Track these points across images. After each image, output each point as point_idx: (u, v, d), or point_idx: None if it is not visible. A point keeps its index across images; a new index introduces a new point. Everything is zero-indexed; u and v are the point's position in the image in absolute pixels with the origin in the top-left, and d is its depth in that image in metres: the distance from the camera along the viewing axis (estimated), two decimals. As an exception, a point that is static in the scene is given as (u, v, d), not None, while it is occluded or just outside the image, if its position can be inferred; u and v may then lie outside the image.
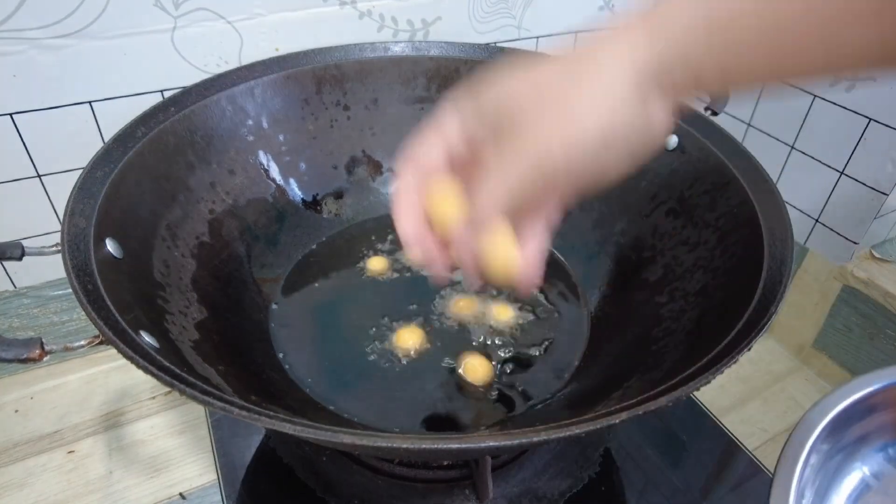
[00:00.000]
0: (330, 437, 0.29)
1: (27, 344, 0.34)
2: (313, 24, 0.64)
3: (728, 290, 0.46)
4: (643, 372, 0.46)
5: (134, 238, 0.45)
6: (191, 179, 0.54)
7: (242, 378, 0.45)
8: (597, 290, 0.61)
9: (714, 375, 0.33)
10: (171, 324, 0.43)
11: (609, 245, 0.62)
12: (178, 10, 0.57)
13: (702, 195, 0.53)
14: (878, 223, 0.64)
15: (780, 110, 0.70)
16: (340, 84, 0.65)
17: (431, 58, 0.66)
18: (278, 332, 0.55)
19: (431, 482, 0.52)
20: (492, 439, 0.30)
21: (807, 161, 0.68)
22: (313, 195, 0.66)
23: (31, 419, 0.63)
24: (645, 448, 0.59)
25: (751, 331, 0.36)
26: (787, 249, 0.42)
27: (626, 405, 0.32)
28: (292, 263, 0.62)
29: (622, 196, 0.61)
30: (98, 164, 0.45)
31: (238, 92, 0.58)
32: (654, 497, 0.55)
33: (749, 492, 0.57)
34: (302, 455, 0.54)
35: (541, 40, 0.78)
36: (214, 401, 0.30)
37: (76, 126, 0.58)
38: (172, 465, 0.58)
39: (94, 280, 0.37)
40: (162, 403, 0.64)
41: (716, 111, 0.56)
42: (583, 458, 0.56)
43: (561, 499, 0.52)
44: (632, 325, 0.54)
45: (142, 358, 0.32)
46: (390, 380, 0.51)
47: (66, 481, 0.57)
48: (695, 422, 0.64)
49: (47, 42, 0.53)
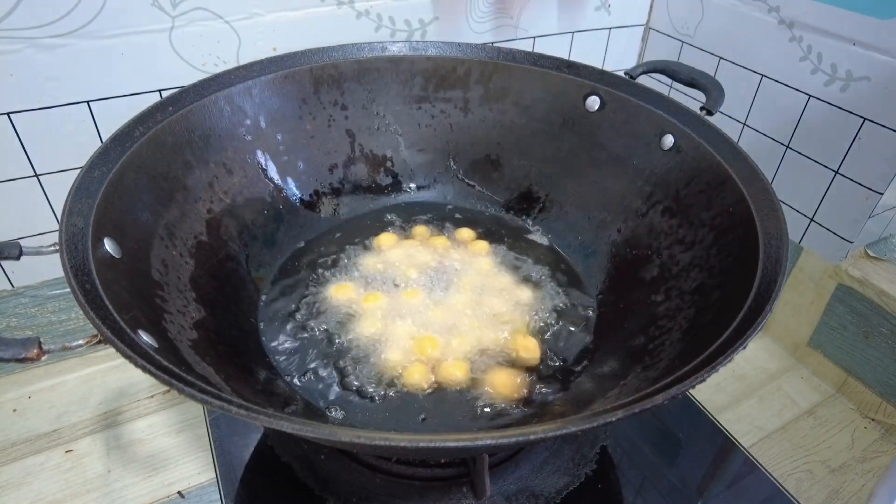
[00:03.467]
0: (328, 435, 0.29)
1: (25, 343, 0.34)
2: (311, 23, 0.64)
3: (723, 288, 0.46)
4: (639, 370, 0.46)
5: (132, 237, 0.45)
6: (189, 179, 0.54)
7: (241, 377, 0.46)
8: (594, 289, 0.61)
9: (710, 374, 0.33)
10: (170, 323, 0.44)
11: (605, 244, 0.62)
12: (176, 9, 0.57)
13: (697, 194, 0.53)
14: (872, 222, 0.65)
15: (776, 110, 0.70)
16: (338, 84, 0.65)
17: (429, 58, 0.66)
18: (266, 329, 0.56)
19: (429, 480, 0.52)
20: (489, 437, 0.30)
21: (802, 160, 0.68)
22: (311, 194, 0.66)
23: (29, 418, 0.63)
24: (641, 446, 0.60)
25: (746, 329, 0.37)
26: (782, 248, 0.42)
27: (622, 403, 0.32)
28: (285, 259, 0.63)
29: (618, 195, 0.62)
30: (96, 164, 0.45)
31: (236, 92, 0.58)
32: (650, 494, 0.56)
33: (745, 489, 0.57)
34: (300, 454, 0.55)
35: (538, 40, 0.78)
36: (213, 399, 0.31)
37: (74, 125, 0.58)
38: (171, 464, 0.58)
39: (92, 279, 0.37)
40: (160, 402, 0.64)
41: (711, 111, 0.56)
42: (580, 455, 0.56)
43: (558, 496, 0.53)
44: (628, 323, 0.54)
45: (140, 357, 0.32)
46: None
47: (64, 480, 0.57)
48: (691, 420, 0.64)
49: (45, 41, 0.53)
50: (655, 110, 0.58)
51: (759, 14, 0.69)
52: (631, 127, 0.60)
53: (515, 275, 0.62)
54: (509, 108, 0.68)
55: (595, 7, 0.79)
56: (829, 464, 0.62)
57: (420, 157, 0.71)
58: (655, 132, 0.58)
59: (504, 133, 0.69)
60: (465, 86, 0.67)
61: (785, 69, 0.68)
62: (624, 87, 0.61)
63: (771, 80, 0.70)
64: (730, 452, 0.61)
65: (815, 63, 0.64)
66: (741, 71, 0.73)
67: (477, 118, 0.69)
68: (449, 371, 0.51)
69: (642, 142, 0.59)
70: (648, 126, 0.59)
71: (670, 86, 0.82)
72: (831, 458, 0.62)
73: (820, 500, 0.58)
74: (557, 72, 0.64)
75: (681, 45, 0.81)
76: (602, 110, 0.62)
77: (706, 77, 0.60)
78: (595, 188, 0.64)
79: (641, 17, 0.85)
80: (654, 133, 0.58)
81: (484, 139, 0.70)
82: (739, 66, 0.73)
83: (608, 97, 0.62)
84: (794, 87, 0.67)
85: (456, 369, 0.51)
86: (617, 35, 0.84)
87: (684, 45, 0.80)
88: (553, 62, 0.65)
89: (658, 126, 0.58)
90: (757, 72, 0.71)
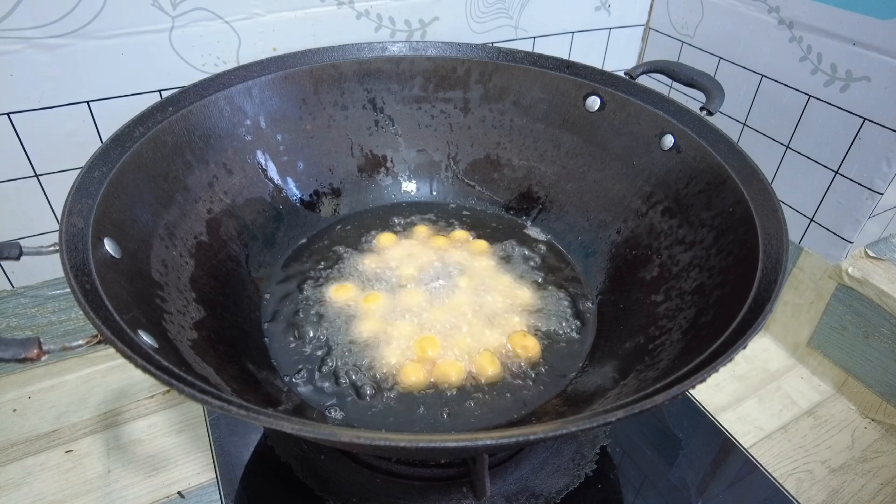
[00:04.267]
0: (328, 435, 0.29)
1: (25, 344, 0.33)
2: (311, 23, 0.64)
3: (723, 288, 0.46)
4: (639, 370, 0.46)
5: (132, 238, 0.45)
6: (189, 179, 0.54)
7: (241, 377, 0.46)
8: (594, 289, 0.61)
9: (710, 374, 0.33)
10: (170, 323, 0.44)
11: (605, 244, 0.62)
12: (176, 9, 0.57)
13: (697, 194, 0.53)
14: (872, 222, 0.65)
15: (776, 110, 0.70)
16: (338, 84, 0.65)
17: (429, 58, 0.66)
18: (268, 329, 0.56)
19: (429, 480, 0.52)
20: (488, 437, 0.30)
21: (802, 160, 0.69)
22: (311, 194, 0.66)
23: (29, 419, 0.63)
24: (641, 446, 0.60)
25: (746, 329, 0.37)
26: (782, 248, 0.42)
27: (622, 403, 0.32)
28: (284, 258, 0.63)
29: (618, 195, 0.62)
30: (96, 164, 0.45)
31: (236, 92, 0.58)
32: (650, 494, 0.56)
33: (744, 489, 0.57)
34: (300, 454, 0.55)
35: (538, 40, 0.78)
36: (213, 400, 0.31)
37: (74, 126, 0.58)
38: (171, 464, 0.58)
39: (92, 280, 0.37)
40: (160, 402, 0.64)
41: (711, 111, 0.56)
42: (579, 455, 0.56)
43: (558, 496, 0.53)
44: (628, 323, 0.54)
45: (140, 357, 0.32)
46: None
47: (64, 480, 0.57)
48: (691, 420, 0.64)
49: (45, 41, 0.53)
50: (655, 110, 0.58)
51: (759, 14, 0.69)
52: (631, 127, 0.60)
53: (515, 275, 0.62)
54: (509, 109, 0.68)
55: (595, 7, 0.80)
56: (829, 464, 0.62)
57: (420, 158, 0.71)
58: (655, 132, 0.58)
59: (504, 133, 0.69)
60: (465, 86, 0.68)
61: (785, 69, 0.68)
62: (624, 87, 0.61)
63: (771, 80, 0.70)
64: (730, 452, 0.61)
65: (815, 63, 0.64)
66: (741, 71, 0.73)
67: (477, 118, 0.69)
68: (445, 371, 0.51)
69: (642, 142, 0.59)
70: (648, 126, 0.59)
71: (670, 86, 0.82)
72: (831, 458, 0.62)
73: (820, 500, 0.58)
74: (557, 72, 0.64)
75: (681, 45, 0.81)
76: (602, 110, 0.63)
77: (706, 77, 0.60)
78: (595, 188, 0.64)
79: (641, 18, 0.85)
80: (654, 133, 0.58)
81: (484, 139, 0.70)
82: (739, 66, 0.73)
83: (608, 97, 0.62)
84: (793, 87, 0.67)
85: (451, 369, 0.51)
86: (617, 35, 0.84)
87: (684, 46, 0.80)
88: (553, 62, 0.65)
89: (658, 126, 0.58)
90: (757, 72, 0.71)
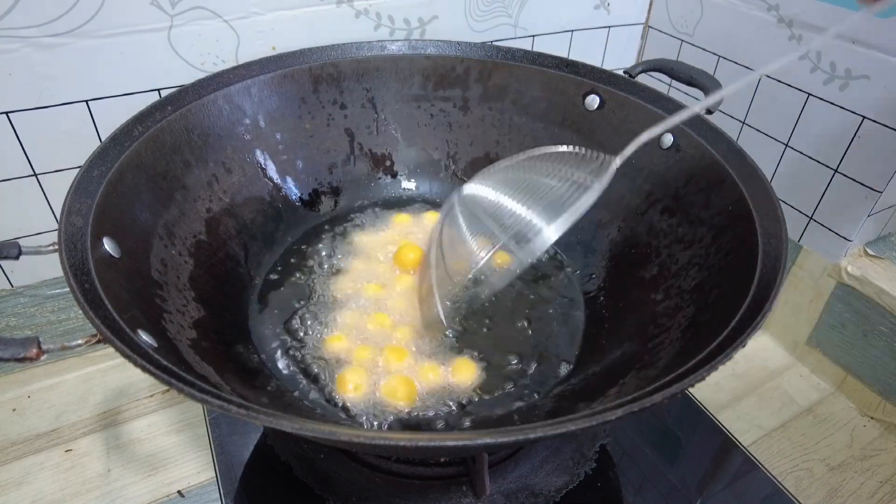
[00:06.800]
0: (328, 434, 0.29)
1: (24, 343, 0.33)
2: (310, 22, 0.64)
3: (723, 287, 0.46)
4: (639, 369, 0.46)
5: (131, 237, 0.45)
6: (188, 178, 0.54)
7: (240, 376, 0.46)
8: (593, 288, 0.61)
9: (709, 372, 0.33)
10: (169, 322, 0.43)
11: (604, 243, 0.62)
12: (175, 8, 0.57)
13: (697, 193, 0.53)
14: (871, 221, 0.65)
15: (775, 108, 0.70)
16: (337, 83, 0.65)
17: (428, 56, 0.66)
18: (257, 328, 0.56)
19: (429, 479, 0.52)
20: (488, 436, 0.30)
21: (801, 159, 0.68)
22: (310, 193, 0.66)
23: (29, 418, 0.63)
24: (641, 445, 0.60)
25: (745, 328, 0.37)
26: (781, 247, 0.42)
27: (621, 402, 0.32)
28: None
29: (617, 194, 0.62)
30: (95, 163, 0.45)
31: (235, 91, 0.58)
32: (649, 493, 0.56)
33: (744, 488, 0.57)
34: (300, 453, 0.55)
35: (537, 39, 0.78)
36: (212, 399, 0.30)
37: (72, 125, 0.57)
38: (170, 463, 0.58)
39: (91, 279, 0.37)
40: (160, 402, 0.64)
41: (710, 110, 0.56)
42: (579, 454, 0.56)
43: (557, 495, 0.53)
44: (627, 322, 0.54)
45: (140, 356, 0.32)
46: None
47: (63, 480, 0.57)
48: (690, 418, 0.64)
49: (43, 41, 0.53)
50: (655, 109, 0.58)
51: (759, 12, 0.69)
52: (630, 125, 0.60)
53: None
54: (508, 107, 0.68)
55: (594, 5, 0.79)
56: (828, 462, 0.62)
57: (419, 156, 0.71)
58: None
59: (503, 132, 0.69)
60: (465, 84, 0.67)
61: (784, 67, 0.68)
62: (623, 85, 0.61)
63: (770, 78, 0.70)
64: (729, 451, 0.61)
65: (815, 61, 0.64)
66: (740, 69, 0.73)
67: (476, 117, 0.69)
68: (425, 373, 0.51)
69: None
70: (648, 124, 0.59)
71: (669, 84, 0.82)
72: (830, 456, 0.62)
73: (819, 498, 0.58)
74: (556, 70, 0.64)
75: (680, 43, 0.81)
76: (601, 109, 0.62)
77: (705, 76, 0.60)
78: (594, 187, 0.64)
79: (641, 16, 0.85)
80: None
81: (483, 138, 0.70)
82: (739, 64, 0.73)
83: (607, 96, 0.62)
84: (793, 85, 0.67)
85: (430, 371, 0.51)
86: (616, 34, 0.84)
87: (683, 44, 0.80)
88: (552, 61, 0.65)
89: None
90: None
